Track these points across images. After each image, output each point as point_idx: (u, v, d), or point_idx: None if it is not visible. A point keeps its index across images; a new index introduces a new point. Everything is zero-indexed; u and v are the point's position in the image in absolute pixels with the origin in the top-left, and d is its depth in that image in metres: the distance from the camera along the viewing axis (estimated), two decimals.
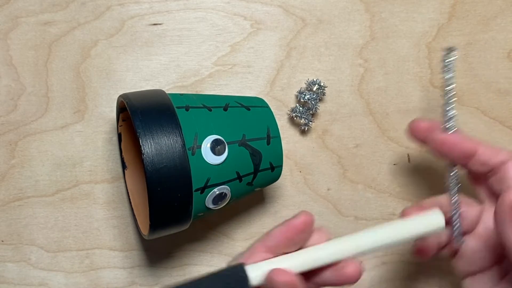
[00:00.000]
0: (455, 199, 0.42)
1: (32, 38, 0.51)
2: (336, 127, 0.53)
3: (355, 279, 0.38)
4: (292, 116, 0.52)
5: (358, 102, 0.53)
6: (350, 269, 0.37)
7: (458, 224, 0.42)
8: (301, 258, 0.38)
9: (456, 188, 0.43)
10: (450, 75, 0.43)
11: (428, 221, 0.39)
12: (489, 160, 0.42)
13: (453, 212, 0.42)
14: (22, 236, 0.51)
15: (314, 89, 0.51)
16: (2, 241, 0.51)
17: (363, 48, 0.53)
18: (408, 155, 0.54)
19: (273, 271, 0.37)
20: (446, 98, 0.43)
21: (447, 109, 0.43)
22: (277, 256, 0.38)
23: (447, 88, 0.43)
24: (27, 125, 0.51)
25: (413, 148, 0.54)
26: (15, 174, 0.51)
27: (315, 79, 0.52)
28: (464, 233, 0.42)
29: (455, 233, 0.42)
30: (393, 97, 0.53)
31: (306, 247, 0.39)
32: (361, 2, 0.53)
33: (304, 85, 0.52)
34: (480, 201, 0.44)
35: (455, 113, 0.43)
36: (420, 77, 0.54)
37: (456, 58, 0.44)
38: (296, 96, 0.52)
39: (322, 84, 0.52)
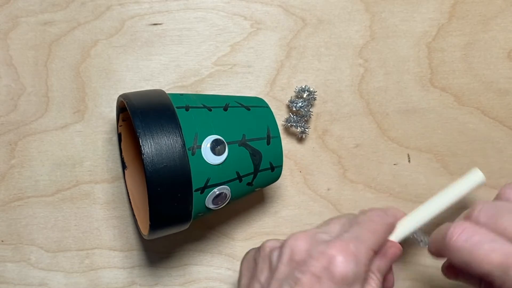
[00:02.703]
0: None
1: (32, 38, 0.51)
2: (336, 127, 0.53)
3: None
4: (287, 126, 0.52)
5: (358, 102, 0.53)
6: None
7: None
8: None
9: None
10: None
11: (471, 179, 0.47)
12: None
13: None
14: (22, 236, 0.51)
15: (305, 96, 0.51)
16: (2, 241, 0.51)
17: (363, 48, 0.53)
18: (408, 155, 0.54)
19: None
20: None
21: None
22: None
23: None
24: (27, 125, 0.51)
25: (413, 148, 0.54)
26: (15, 174, 0.51)
27: (303, 86, 0.52)
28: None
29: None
30: (393, 97, 0.53)
31: None
32: (361, 2, 0.53)
33: (293, 93, 0.52)
34: None
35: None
36: (420, 77, 0.54)
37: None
38: (288, 106, 0.52)
39: (311, 89, 0.52)
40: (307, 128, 0.52)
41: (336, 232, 0.42)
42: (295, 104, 0.51)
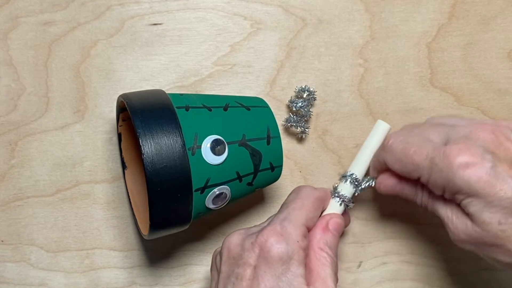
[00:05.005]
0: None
1: (32, 38, 0.51)
2: (336, 127, 0.53)
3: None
4: (287, 126, 0.52)
5: (358, 102, 0.53)
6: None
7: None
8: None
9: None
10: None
11: (380, 130, 0.47)
12: None
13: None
14: (22, 236, 0.51)
15: (305, 96, 0.51)
16: (2, 241, 0.51)
17: (363, 48, 0.53)
18: None
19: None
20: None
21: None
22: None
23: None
24: (27, 125, 0.51)
25: None
26: (15, 174, 0.51)
27: (303, 86, 0.52)
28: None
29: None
30: (393, 97, 0.53)
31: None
32: (361, 2, 0.53)
33: (293, 93, 0.52)
34: None
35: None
36: (420, 77, 0.54)
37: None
38: (288, 106, 0.52)
39: (311, 89, 0.52)
40: (307, 128, 0.52)
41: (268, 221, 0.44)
42: (295, 104, 0.51)
